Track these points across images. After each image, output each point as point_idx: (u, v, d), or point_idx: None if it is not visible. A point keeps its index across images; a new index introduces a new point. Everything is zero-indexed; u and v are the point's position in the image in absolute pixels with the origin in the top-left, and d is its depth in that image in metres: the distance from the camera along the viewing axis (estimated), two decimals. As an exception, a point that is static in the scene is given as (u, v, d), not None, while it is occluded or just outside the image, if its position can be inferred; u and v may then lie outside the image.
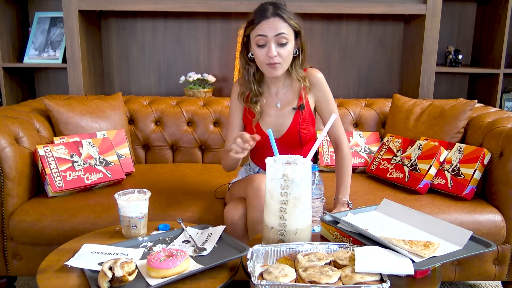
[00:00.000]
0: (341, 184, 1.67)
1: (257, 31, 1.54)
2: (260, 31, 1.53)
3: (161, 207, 1.73)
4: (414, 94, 2.56)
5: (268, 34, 1.52)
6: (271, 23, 1.52)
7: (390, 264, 1.04)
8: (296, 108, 1.66)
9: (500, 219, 1.73)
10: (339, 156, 1.70)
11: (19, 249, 1.76)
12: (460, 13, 2.80)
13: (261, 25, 1.53)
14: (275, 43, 1.53)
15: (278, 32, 1.52)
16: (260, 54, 1.55)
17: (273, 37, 1.52)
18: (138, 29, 2.75)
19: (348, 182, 1.67)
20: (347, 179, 1.67)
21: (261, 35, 1.53)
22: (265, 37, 1.52)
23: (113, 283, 1.06)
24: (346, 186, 1.66)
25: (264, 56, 1.55)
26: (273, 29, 1.52)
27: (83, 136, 2.02)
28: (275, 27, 1.52)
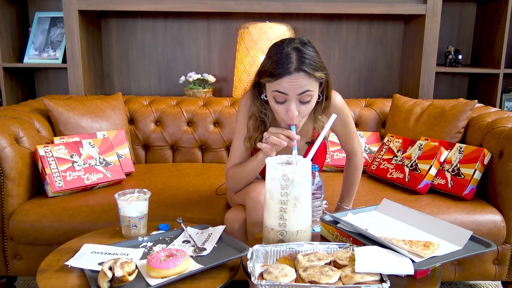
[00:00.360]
0: (347, 193, 1.66)
1: (275, 86, 1.31)
2: (280, 88, 1.30)
3: (161, 207, 1.73)
4: (414, 94, 2.56)
5: (289, 93, 1.30)
6: (294, 81, 1.29)
7: (390, 264, 1.04)
8: (309, 143, 1.54)
9: (500, 219, 1.73)
10: (351, 166, 1.65)
11: (19, 249, 1.76)
12: (460, 13, 2.80)
13: (281, 81, 1.29)
14: (297, 101, 1.33)
15: (302, 91, 1.30)
16: (279, 110, 1.35)
17: (295, 96, 1.31)
18: (138, 29, 2.75)
19: (353, 192, 1.66)
20: (354, 190, 1.66)
21: (282, 92, 1.31)
22: (286, 95, 1.31)
23: (113, 283, 1.06)
24: (351, 196, 1.66)
25: (283, 112, 1.35)
26: (296, 87, 1.29)
27: (83, 136, 2.02)
28: (299, 85, 1.29)
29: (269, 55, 1.36)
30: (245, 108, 1.52)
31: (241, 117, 1.54)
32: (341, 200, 1.66)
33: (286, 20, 2.61)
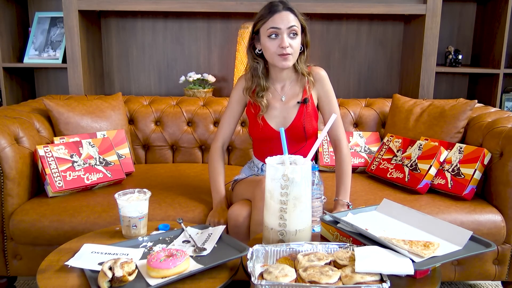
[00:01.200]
0: (341, 185, 1.67)
1: (269, 24, 1.60)
2: (273, 24, 1.59)
3: (161, 207, 1.73)
4: (414, 94, 2.56)
5: (281, 26, 1.58)
6: (284, 16, 1.59)
7: (390, 264, 1.04)
8: (300, 102, 1.70)
9: (500, 219, 1.73)
10: (339, 157, 1.71)
11: (19, 249, 1.76)
12: (460, 13, 2.80)
13: (273, 18, 1.59)
14: (287, 35, 1.59)
15: (290, 25, 1.59)
16: (272, 45, 1.60)
17: (286, 29, 1.59)
18: (138, 29, 2.75)
19: (348, 183, 1.68)
20: (347, 180, 1.68)
21: (274, 27, 1.59)
22: (278, 29, 1.59)
23: (113, 283, 1.06)
24: (346, 187, 1.67)
25: (276, 47, 1.60)
26: (286, 21, 1.59)
27: (83, 136, 2.02)
28: (288, 20, 1.59)
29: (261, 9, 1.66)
30: (239, 87, 1.77)
31: (234, 95, 1.79)
32: (337, 194, 1.68)
33: (286, 20, 2.61)
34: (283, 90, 1.74)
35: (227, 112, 1.81)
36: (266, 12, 1.62)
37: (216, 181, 1.76)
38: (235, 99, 1.79)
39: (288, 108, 1.71)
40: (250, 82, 1.73)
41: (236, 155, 2.34)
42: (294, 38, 1.61)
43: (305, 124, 1.69)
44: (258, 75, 1.70)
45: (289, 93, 1.73)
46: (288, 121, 1.70)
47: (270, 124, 1.71)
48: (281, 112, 1.72)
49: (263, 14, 1.63)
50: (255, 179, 1.71)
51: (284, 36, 1.59)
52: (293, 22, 1.60)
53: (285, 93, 1.73)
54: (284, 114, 1.71)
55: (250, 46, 1.71)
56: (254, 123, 1.74)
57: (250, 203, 1.63)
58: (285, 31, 1.59)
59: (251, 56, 1.72)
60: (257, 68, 1.70)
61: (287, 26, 1.59)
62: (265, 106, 1.70)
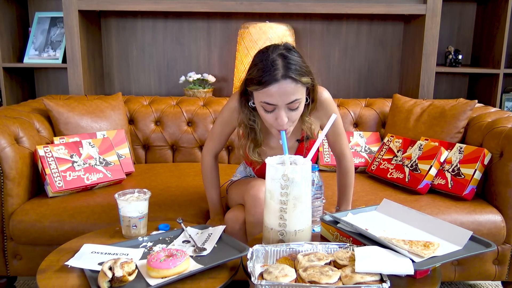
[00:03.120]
0: (343, 196, 1.65)
1: (263, 96, 1.31)
2: (269, 99, 1.30)
3: (161, 207, 1.73)
4: (414, 94, 2.56)
5: (278, 103, 1.31)
6: (282, 88, 1.28)
7: (390, 264, 1.04)
8: (299, 140, 1.55)
9: (500, 219, 1.73)
10: (342, 169, 1.64)
11: (19, 249, 1.76)
12: (460, 13, 2.80)
13: (269, 90, 1.28)
14: (286, 109, 1.33)
15: (290, 100, 1.31)
16: (268, 118, 1.36)
17: (284, 105, 1.32)
18: (138, 29, 2.75)
19: (350, 195, 1.64)
20: (349, 192, 1.64)
21: (269, 103, 1.31)
22: (274, 105, 1.32)
23: (113, 283, 1.06)
24: (348, 198, 1.64)
25: (272, 120, 1.35)
26: (284, 96, 1.29)
27: (83, 136, 2.02)
28: (286, 94, 1.29)
29: (255, 63, 1.34)
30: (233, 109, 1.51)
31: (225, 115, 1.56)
32: (339, 204, 1.66)
33: (286, 20, 2.61)
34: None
35: (217, 128, 1.60)
36: (260, 75, 1.29)
37: (210, 193, 1.66)
38: (226, 121, 1.56)
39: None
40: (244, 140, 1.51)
41: (236, 155, 2.34)
42: (294, 110, 1.34)
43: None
44: (255, 132, 1.48)
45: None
46: None
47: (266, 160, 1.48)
48: (280, 151, 1.43)
49: (258, 80, 1.29)
50: (245, 181, 1.65)
51: (282, 112, 1.32)
52: (294, 96, 1.30)
53: None
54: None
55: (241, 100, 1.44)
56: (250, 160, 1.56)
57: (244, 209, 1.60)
58: (283, 107, 1.31)
59: (245, 111, 1.44)
60: (253, 126, 1.47)
61: (286, 102, 1.30)
62: (260, 162, 1.52)
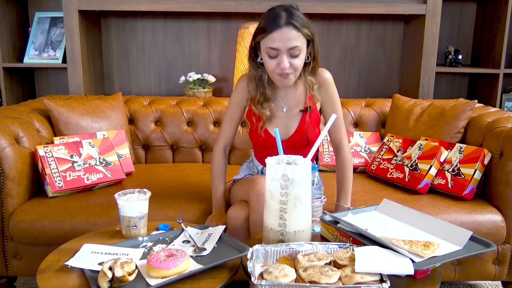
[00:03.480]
0: (342, 190, 1.65)
1: (268, 41, 1.47)
2: (272, 43, 1.46)
3: (161, 207, 1.73)
4: (414, 94, 2.56)
5: (280, 47, 1.45)
6: (284, 34, 1.44)
7: (390, 264, 1.04)
8: (303, 110, 1.64)
9: (500, 219, 1.73)
10: (340, 161, 1.67)
11: (19, 249, 1.76)
12: (460, 13, 2.80)
13: (272, 35, 1.45)
14: (288, 55, 1.47)
15: (291, 46, 1.45)
16: (271, 64, 1.50)
17: (286, 50, 1.46)
18: (138, 29, 2.75)
19: (349, 188, 1.65)
20: (348, 185, 1.65)
21: (273, 48, 1.46)
22: (277, 50, 1.46)
23: (113, 283, 1.06)
24: (347, 192, 1.64)
25: (275, 66, 1.50)
26: (286, 41, 1.45)
27: (83, 136, 2.02)
28: (288, 39, 1.45)
29: (262, 17, 1.52)
30: (239, 90, 1.69)
31: (233, 98, 1.70)
32: (338, 199, 1.66)
33: (286, 20, 2.61)
34: (285, 98, 1.66)
35: (227, 114, 1.73)
36: (266, 24, 1.47)
37: (216, 185, 1.71)
38: (235, 103, 1.70)
39: (290, 117, 1.65)
40: (254, 92, 1.63)
41: (236, 155, 2.34)
42: (295, 57, 1.48)
43: (308, 132, 1.63)
44: (264, 85, 1.60)
45: (292, 102, 1.66)
46: (291, 130, 1.65)
47: (271, 133, 1.64)
48: (284, 121, 1.65)
49: (263, 27, 1.48)
50: (249, 179, 1.68)
51: (283, 56, 1.47)
52: (295, 42, 1.46)
53: (287, 101, 1.66)
54: (287, 123, 1.65)
55: (251, 54, 1.60)
56: (255, 129, 1.67)
57: (247, 205, 1.62)
58: (285, 51, 1.46)
59: (254, 65, 1.61)
60: (262, 77, 1.60)
61: (288, 47, 1.45)
62: (268, 118, 1.63)
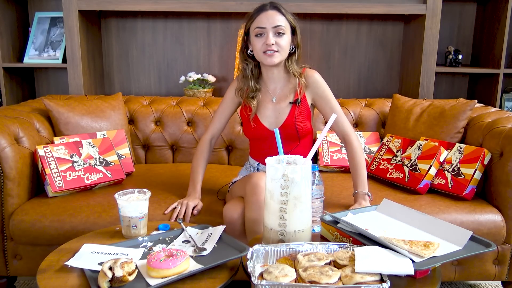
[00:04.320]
0: (357, 177, 1.68)
1: (256, 23, 1.64)
2: (259, 23, 1.63)
3: (161, 207, 1.73)
4: (414, 94, 2.56)
5: (266, 26, 1.62)
6: (269, 15, 1.63)
7: (390, 264, 1.04)
8: (292, 102, 1.72)
9: (500, 219, 1.73)
10: (350, 150, 1.71)
11: (19, 249, 1.76)
12: (460, 13, 2.80)
13: (260, 17, 1.64)
14: (273, 34, 1.62)
15: (275, 24, 1.62)
16: (258, 43, 1.64)
17: (271, 28, 1.62)
18: (138, 29, 2.75)
19: (364, 174, 1.68)
20: (363, 172, 1.68)
21: (260, 27, 1.63)
22: (263, 28, 1.62)
23: (113, 283, 1.06)
24: (363, 178, 1.67)
25: (261, 44, 1.63)
26: (271, 21, 1.62)
27: (83, 136, 2.02)
28: (273, 19, 1.62)
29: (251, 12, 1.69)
30: (233, 86, 1.81)
31: (228, 93, 1.83)
32: (355, 187, 1.68)
33: (286, 20, 2.61)
34: (274, 91, 1.76)
35: (219, 108, 1.85)
36: (254, 12, 1.67)
37: (195, 172, 1.80)
38: (229, 97, 1.83)
39: (280, 109, 1.73)
40: (241, 83, 1.77)
41: (236, 155, 2.34)
42: (280, 36, 1.63)
43: (297, 124, 1.70)
44: (248, 76, 1.74)
45: (281, 94, 1.75)
46: (280, 120, 1.72)
47: (263, 123, 1.74)
48: (273, 112, 1.74)
49: (252, 14, 1.67)
50: (246, 176, 1.72)
51: (269, 34, 1.62)
52: (279, 22, 1.62)
53: (276, 94, 1.75)
54: (276, 114, 1.73)
55: (242, 47, 1.75)
56: (248, 123, 1.77)
57: (242, 200, 1.63)
58: (270, 30, 1.62)
59: (242, 57, 1.76)
60: (246, 69, 1.74)
61: (272, 25, 1.62)
62: (254, 107, 1.73)
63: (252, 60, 1.73)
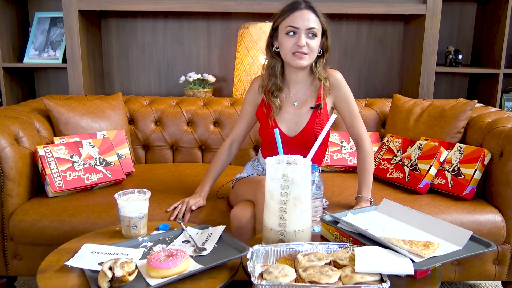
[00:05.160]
0: (363, 182, 1.67)
1: (288, 21, 1.56)
2: (292, 22, 1.55)
3: (161, 207, 1.73)
4: (414, 94, 2.56)
5: (300, 26, 1.55)
6: (304, 15, 1.55)
7: (390, 264, 1.04)
8: (313, 107, 1.66)
9: (500, 219, 1.73)
10: (361, 154, 1.69)
11: (19, 249, 1.76)
12: (460, 13, 2.80)
13: (293, 15, 1.56)
14: (305, 35, 1.56)
15: (309, 27, 1.55)
16: (289, 43, 1.57)
17: (304, 29, 1.55)
18: (138, 29, 2.75)
19: (370, 180, 1.67)
20: (369, 177, 1.67)
21: (293, 26, 1.55)
22: (296, 28, 1.55)
23: (113, 283, 1.06)
24: (368, 184, 1.67)
25: (292, 44, 1.56)
26: (306, 21, 1.55)
27: (83, 136, 2.02)
28: (308, 19, 1.55)
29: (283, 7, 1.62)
30: (253, 88, 1.75)
31: (247, 96, 1.78)
32: (359, 191, 1.67)
33: (286, 20, 2.61)
34: (296, 94, 1.70)
35: (240, 113, 1.82)
36: (287, 8, 1.59)
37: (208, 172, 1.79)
38: (248, 100, 1.77)
39: (300, 114, 1.68)
40: (266, 81, 1.69)
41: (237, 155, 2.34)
42: (312, 38, 1.57)
43: (317, 130, 1.64)
44: (276, 74, 1.67)
45: (303, 98, 1.69)
46: (300, 126, 1.67)
47: (281, 127, 1.68)
48: (294, 117, 1.68)
49: (284, 10, 1.59)
50: (256, 179, 1.69)
51: (302, 35, 1.55)
52: (313, 24, 1.56)
53: (298, 97, 1.69)
54: (296, 119, 1.68)
55: (268, 44, 1.68)
56: (265, 124, 1.70)
57: (252, 204, 1.62)
58: (304, 31, 1.55)
59: (269, 54, 1.68)
60: (275, 66, 1.66)
61: (306, 27, 1.55)
62: (277, 106, 1.67)
63: (279, 58, 1.66)
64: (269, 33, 1.67)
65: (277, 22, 1.61)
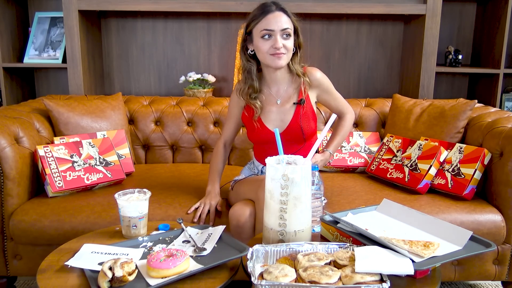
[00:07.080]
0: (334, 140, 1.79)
1: (262, 25, 1.59)
2: (266, 26, 1.59)
3: (161, 207, 1.73)
4: (414, 94, 2.56)
5: (274, 28, 1.58)
6: (277, 17, 1.59)
7: (390, 264, 1.04)
8: (296, 103, 1.70)
9: (500, 219, 1.73)
10: (341, 121, 1.81)
11: (19, 249, 1.76)
12: (460, 13, 2.80)
13: (267, 18, 1.59)
14: (281, 36, 1.59)
15: (283, 27, 1.59)
16: (265, 46, 1.60)
17: (279, 31, 1.58)
18: (138, 29, 2.75)
19: (340, 142, 1.80)
20: (340, 140, 1.79)
21: (267, 29, 1.59)
22: (271, 31, 1.58)
23: (113, 283, 1.06)
24: (337, 143, 1.79)
25: (268, 47, 1.60)
26: (279, 23, 1.58)
27: (83, 136, 2.02)
28: (281, 21, 1.59)
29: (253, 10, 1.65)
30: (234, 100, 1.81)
31: (232, 98, 1.83)
32: (327, 146, 1.78)
33: (286, 20, 2.61)
34: (278, 92, 1.73)
35: (227, 114, 1.86)
36: (259, 12, 1.62)
37: (213, 171, 1.82)
38: (233, 103, 1.82)
39: (284, 110, 1.71)
40: (243, 84, 1.73)
41: (236, 155, 2.34)
42: (287, 39, 1.61)
43: (302, 125, 1.68)
44: (251, 77, 1.70)
45: (285, 96, 1.73)
46: (285, 123, 1.70)
47: (268, 126, 1.71)
48: (278, 114, 1.72)
49: (256, 15, 1.62)
50: (257, 178, 1.71)
51: (277, 37, 1.58)
52: (286, 24, 1.60)
53: (280, 95, 1.73)
54: (281, 117, 1.71)
55: (242, 47, 1.71)
56: (251, 127, 1.74)
57: (251, 203, 1.62)
58: (278, 32, 1.58)
59: (244, 58, 1.72)
60: (250, 69, 1.70)
61: (281, 28, 1.58)
62: (258, 107, 1.70)
63: (254, 61, 1.70)
64: (243, 37, 1.70)
65: (251, 27, 1.64)
